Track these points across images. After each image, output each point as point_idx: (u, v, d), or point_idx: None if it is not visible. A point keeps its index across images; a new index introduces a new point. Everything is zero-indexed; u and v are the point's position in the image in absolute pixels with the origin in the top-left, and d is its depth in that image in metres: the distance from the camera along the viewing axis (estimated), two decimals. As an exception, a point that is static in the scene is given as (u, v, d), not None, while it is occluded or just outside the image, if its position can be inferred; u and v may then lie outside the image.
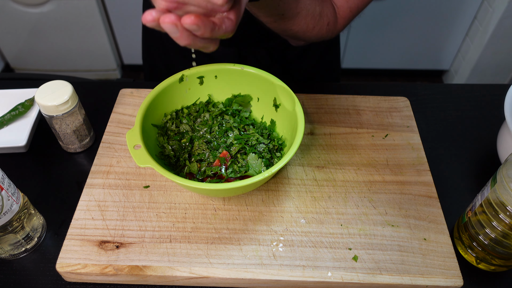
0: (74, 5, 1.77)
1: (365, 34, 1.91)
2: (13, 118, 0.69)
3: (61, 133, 0.63)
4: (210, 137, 0.62)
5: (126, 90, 0.72)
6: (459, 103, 0.76)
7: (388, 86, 0.78)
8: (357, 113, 0.70)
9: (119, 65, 2.09)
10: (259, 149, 0.60)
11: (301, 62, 0.85)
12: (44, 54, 1.98)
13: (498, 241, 0.49)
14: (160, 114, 0.62)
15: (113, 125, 0.67)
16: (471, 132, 0.71)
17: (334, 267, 0.51)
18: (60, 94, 0.59)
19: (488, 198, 0.49)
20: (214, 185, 0.48)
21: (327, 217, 0.56)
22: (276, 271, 0.51)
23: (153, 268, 0.51)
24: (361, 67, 2.10)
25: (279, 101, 0.61)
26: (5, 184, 0.48)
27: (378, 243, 0.54)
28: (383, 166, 0.62)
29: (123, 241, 0.53)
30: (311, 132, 0.67)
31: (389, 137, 0.67)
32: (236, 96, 0.65)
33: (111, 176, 0.60)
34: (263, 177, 0.49)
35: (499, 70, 1.93)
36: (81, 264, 0.51)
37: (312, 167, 0.62)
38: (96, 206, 0.57)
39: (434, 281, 0.51)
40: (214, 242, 0.53)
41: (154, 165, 0.50)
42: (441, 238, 0.55)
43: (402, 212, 0.57)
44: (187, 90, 0.63)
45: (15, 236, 0.52)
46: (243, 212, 0.57)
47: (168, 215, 0.56)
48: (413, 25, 1.88)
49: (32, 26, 1.85)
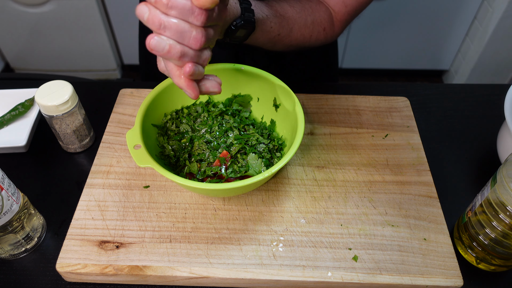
0: (74, 5, 1.77)
1: (365, 34, 1.91)
2: (13, 118, 0.69)
3: (61, 133, 0.63)
4: (210, 137, 0.62)
5: (126, 90, 0.72)
6: (459, 103, 0.76)
7: (388, 86, 0.78)
8: (357, 113, 0.70)
9: (119, 65, 2.09)
10: (259, 149, 0.60)
11: (298, 63, 0.85)
12: (44, 54, 1.98)
13: (498, 241, 0.49)
14: (160, 114, 0.62)
15: (113, 125, 0.67)
16: (471, 132, 0.71)
17: (334, 267, 0.51)
18: (60, 94, 0.59)
19: (488, 198, 0.49)
20: (214, 185, 0.48)
21: (327, 217, 0.56)
22: (276, 271, 0.51)
23: (153, 268, 0.51)
24: (361, 67, 2.10)
25: (279, 101, 0.61)
26: (5, 184, 0.48)
27: (378, 243, 0.54)
28: (383, 166, 0.62)
29: (123, 241, 0.53)
30: (311, 132, 0.67)
31: (389, 137, 0.67)
32: (236, 96, 0.65)
33: (111, 176, 0.60)
34: (263, 177, 0.49)
35: (499, 70, 1.92)
36: (81, 264, 0.51)
37: (312, 167, 0.62)
38: (96, 206, 0.57)
39: (434, 281, 0.51)
40: (214, 242, 0.53)
41: (154, 165, 0.50)
42: (441, 238, 0.55)
43: (402, 212, 0.57)
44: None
45: (15, 236, 0.52)
46: (243, 212, 0.57)
47: (168, 215, 0.56)
48: (413, 25, 1.88)
49: (32, 26, 1.85)
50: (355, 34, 1.91)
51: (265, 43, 0.61)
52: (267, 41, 0.61)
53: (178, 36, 0.41)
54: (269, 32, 0.59)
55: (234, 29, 0.52)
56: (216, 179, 0.57)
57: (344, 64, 2.07)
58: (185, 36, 0.41)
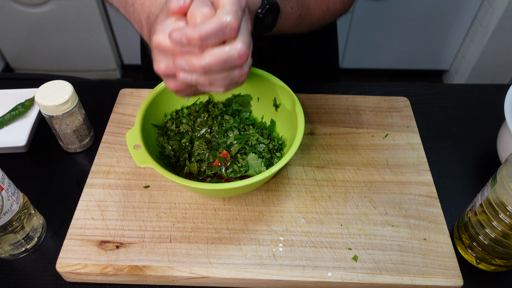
0: (74, 5, 1.77)
1: (365, 34, 1.91)
2: (13, 118, 0.69)
3: (61, 133, 0.63)
4: (210, 137, 0.62)
5: (126, 90, 0.72)
6: (459, 103, 0.76)
7: (388, 86, 0.78)
8: (357, 113, 0.70)
9: (119, 65, 2.09)
10: (259, 149, 0.60)
11: (303, 54, 0.85)
12: (44, 54, 1.98)
13: (498, 241, 0.49)
14: (160, 114, 0.62)
15: (113, 125, 0.67)
16: (471, 132, 0.71)
17: (334, 267, 0.51)
18: (60, 94, 0.59)
19: (488, 198, 0.49)
20: (214, 185, 0.48)
21: (327, 217, 0.56)
22: (276, 271, 0.51)
23: (153, 268, 0.51)
24: (361, 67, 2.10)
25: (279, 101, 0.61)
26: (5, 184, 0.48)
27: (378, 243, 0.54)
28: (383, 166, 0.62)
29: (123, 241, 0.53)
30: (311, 132, 0.67)
31: (389, 137, 0.67)
32: (236, 96, 0.65)
33: (111, 176, 0.60)
34: (263, 177, 0.49)
35: (499, 70, 1.92)
36: (81, 264, 0.51)
37: (312, 167, 0.62)
38: (96, 206, 0.57)
39: (434, 281, 0.51)
40: (214, 242, 0.53)
41: (154, 165, 0.50)
42: (441, 238, 0.55)
43: (402, 212, 0.57)
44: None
45: (15, 236, 0.52)
46: (243, 212, 0.57)
47: (168, 215, 0.56)
48: (413, 25, 1.88)
49: (32, 26, 1.85)
50: (355, 34, 1.91)
51: (290, 27, 0.61)
52: (292, 25, 0.60)
53: (224, 67, 0.40)
54: (291, 14, 0.58)
55: (262, 17, 0.52)
56: (216, 179, 0.57)
57: (344, 64, 2.07)
58: (230, 61, 0.40)
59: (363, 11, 1.81)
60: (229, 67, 0.41)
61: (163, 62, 0.42)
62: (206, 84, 0.42)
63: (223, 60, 0.39)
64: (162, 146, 0.60)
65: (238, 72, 0.42)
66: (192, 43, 0.39)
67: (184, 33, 0.38)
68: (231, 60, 0.40)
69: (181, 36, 0.38)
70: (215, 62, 0.39)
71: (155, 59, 0.43)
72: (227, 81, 0.42)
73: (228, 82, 0.42)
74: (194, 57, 0.40)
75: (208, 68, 0.40)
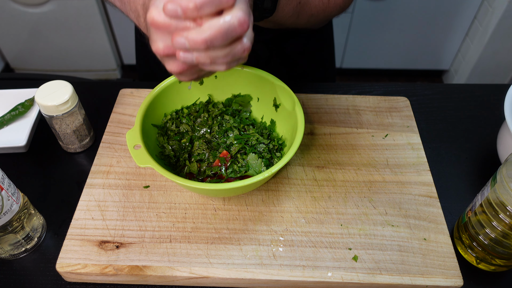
0: (74, 5, 1.77)
1: (365, 34, 1.91)
2: (13, 118, 0.69)
3: (61, 133, 0.63)
4: (210, 137, 0.62)
5: (126, 90, 0.72)
6: (459, 103, 0.76)
7: (388, 86, 0.78)
8: (357, 113, 0.70)
9: (119, 65, 2.09)
10: (259, 149, 0.60)
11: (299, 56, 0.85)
12: (44, 54, 1.98)
13: (498, 241, 0.49)
14: (160, 114, 0.62)
15: (113, 125, 0.67)
16: (471, 132, 0.71)
17: (334, 267, 0.51)
18: (60, 94, 0.59)
19: (488, 198, 0.49)
20: (214, 185, 0.48)
21: (327, 217, 0.56)
22: (276, 271, 0.51)
23: (153, 268, 0.51)
24: (361, 67, 2.10)
25: (279, 101, 0.61)
26: (5, 184, 0.48)
27: (378, 243, 0.54)
28: (383, 166, 0.62)
29: (123, 241, 0.53)
30: (311, 132, 0.67)
31: (389, 137, 0.67)
32: (236, 96, 0.65)
33: (111, 176, 0.60)
34: (263, 177, 0.49)
35: (499, 70, 1.93)
36: (81, 264, 0.51)
37: (312, 167, 0.62)
38: (96, 206, 0.57)
39: (434, 281, 0.51)
40: (214, 242, 0.53)
41: (154, 165, 0.50)
42: (441, 238, 0.55)
43: (402, 212, 0.57)
44: (187, 90, 0.63)
45: (15, 236, 0.52)
46: (243, 212, 0.57)
47: (168, 215, 0.56)
48: (413, 25, 1.88)
49: (32, 26, 1.85)
50: (355, 34, 1.91)
51: (290, 16, 0.60)
52: (292, 13, 0.59)
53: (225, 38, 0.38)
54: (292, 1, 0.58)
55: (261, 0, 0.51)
56: (216, 179, 0.57)
57: (344, 64, 2.07)
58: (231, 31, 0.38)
59: (363, 11, 1.81)
60: (231, 39, 0.39)
61: (161, 41, 0.40)
62: (207, 63, 0.40)
63: (224, 31, 0.37)
64: (162, 146, 0.60)
65: (240, 46, 0.40)
66: (187, 13, 0.37)
67: (178, 3, 0.36)
68: (232, 30, 0.38)
69: (176, 7, 0.37)
70: (216, 34, 0.37)
71: (153, 39, 0.41)
72: (230, 57, 0.40)
73: (230, 58, 0.40)
74: (193, 32, 0.38)
75: (210, 41, 0.38)
